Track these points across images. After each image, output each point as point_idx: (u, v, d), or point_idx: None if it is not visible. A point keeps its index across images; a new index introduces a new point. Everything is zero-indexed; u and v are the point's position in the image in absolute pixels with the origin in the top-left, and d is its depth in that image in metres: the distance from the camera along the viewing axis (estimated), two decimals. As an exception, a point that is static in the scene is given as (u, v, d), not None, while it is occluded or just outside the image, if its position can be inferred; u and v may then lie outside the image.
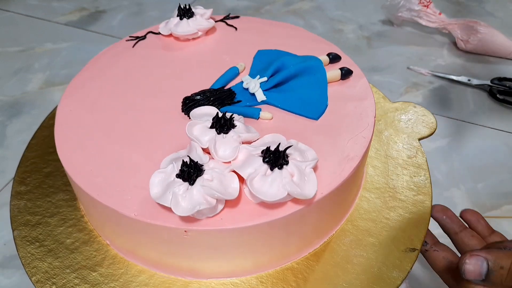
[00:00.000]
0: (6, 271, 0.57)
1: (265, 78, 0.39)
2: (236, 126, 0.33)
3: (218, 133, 0.32)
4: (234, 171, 0.31)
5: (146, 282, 0.34)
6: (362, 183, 0.41)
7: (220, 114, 0.33)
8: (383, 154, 0.43)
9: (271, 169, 0.30)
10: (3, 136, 0.76)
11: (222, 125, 0.32)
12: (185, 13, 0.46)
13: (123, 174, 0.33)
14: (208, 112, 0.35)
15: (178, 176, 0.30)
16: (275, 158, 0.30)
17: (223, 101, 0.38)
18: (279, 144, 0.30)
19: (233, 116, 0.33)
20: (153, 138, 0.36)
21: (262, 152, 0.31)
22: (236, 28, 0.48)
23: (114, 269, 0.35)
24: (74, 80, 0.42)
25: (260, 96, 0.38)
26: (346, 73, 0.41)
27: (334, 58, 0.42)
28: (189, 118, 0.36)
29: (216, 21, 0.49)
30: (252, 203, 0.31)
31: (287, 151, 0.31)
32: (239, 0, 1.07)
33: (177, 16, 0.46)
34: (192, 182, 0.29)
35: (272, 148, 0.30)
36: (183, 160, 0.30)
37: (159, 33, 0.47)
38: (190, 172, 0.29)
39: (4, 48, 0.96)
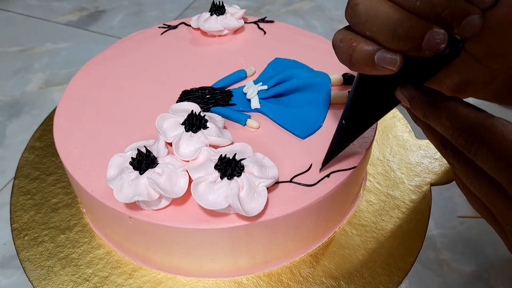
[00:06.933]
0: (6, 271, 0.57)
1: (265, 87, 0.38)
2: (208, 127, 0.33)
3: (186, 131, 0.32)
4: (187, 171, 0.31)
5: (102, 257, 0.36)
6: (347, 217, 0.38)
7: (197, 112, 0.33)
8: (384, 192, 0.40)
9: (221, 178, 0.29)
10: (3, 136, 0.76)
11: (192, 124, 0.32)
12: (216, 9, 0.46)
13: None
14: (187, 108, 0.35)
15: (130, 163, 0.30)
16: (226, 167, 0.29)
17: (217, 101, 0.38)
18: (235, 154, 0.30)
19: (205, 117, 0.33)
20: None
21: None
22: (265, 32, 0.48)
23: (80, 236, 0.37)
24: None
25: (255, 103, 0.38)
26: (349, 79, 0.39)
27: (349, 79, 0.39)
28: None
29: (247, 23, 0.49)
30: (200, 207, 0.30)
31: (244, 164, 0.30)
32: (239, 0, 1.07)
33: (209, 11, 0.47)
34: (141, 172, 0.30)
35: (227, 157, 0.30)
36: (138, 149, 0.30)
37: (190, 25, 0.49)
38: (141, 161, 0.30)
39: (4, 48, 0.96)
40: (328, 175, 0.32)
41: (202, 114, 0.33)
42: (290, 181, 0.32)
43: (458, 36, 0.22)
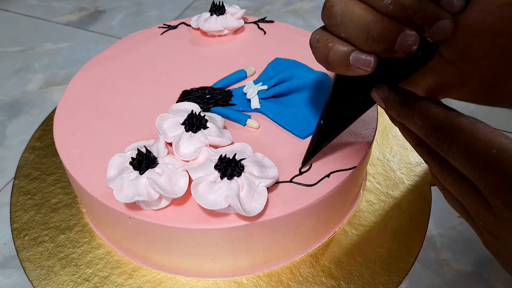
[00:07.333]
0: (6, 271, 0.57)
1: (265, 87, 0.38)
2: (208, 127, 0.33)
3: (186, 131, 0.32)
4: (187, 171, 0.31)
5: (102, 257, 0.36)
6: (347, 217, 0.38)
7: (197, 112, 0.33)
8: (384, 192, 0.40)
9: (221, 178, 0.29)
10: (3, 136, 0.76)
11: (192, 124, 0.32)
12: (217, 9, 0.46)
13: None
14: (187, 108, 0.35)
15: (130, 163, 0.30)
16: (226, 167, 0.29)
17: (217, 101, 0.38)
18: (235, 154, 0.30)
19: (205, 117, 0.33)
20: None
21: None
22: (265, 32, 0.48)
23: (80, 236, 0.38)
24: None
25: (255, 103, 0.38)
26: None
27: None
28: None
29: (247, 23, 0.49)
30: (200, 207, 0.30)
31: (244, 164, 0.30)
32: (239, 0, 1.07)
33: (209, 11, 0.47)
34: (141, 172, 0.30)
35: (227, 157, 0.30)
36: (138, 149, 0.30)
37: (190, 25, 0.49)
38: (141, 161, 0.30)
39: (4, 48, 0.96)
40: (328, 175, 0.32)
41: (202, 114, 0.33)
42: (290, 181, 0.32)
43: (430, 39, 0.23)
